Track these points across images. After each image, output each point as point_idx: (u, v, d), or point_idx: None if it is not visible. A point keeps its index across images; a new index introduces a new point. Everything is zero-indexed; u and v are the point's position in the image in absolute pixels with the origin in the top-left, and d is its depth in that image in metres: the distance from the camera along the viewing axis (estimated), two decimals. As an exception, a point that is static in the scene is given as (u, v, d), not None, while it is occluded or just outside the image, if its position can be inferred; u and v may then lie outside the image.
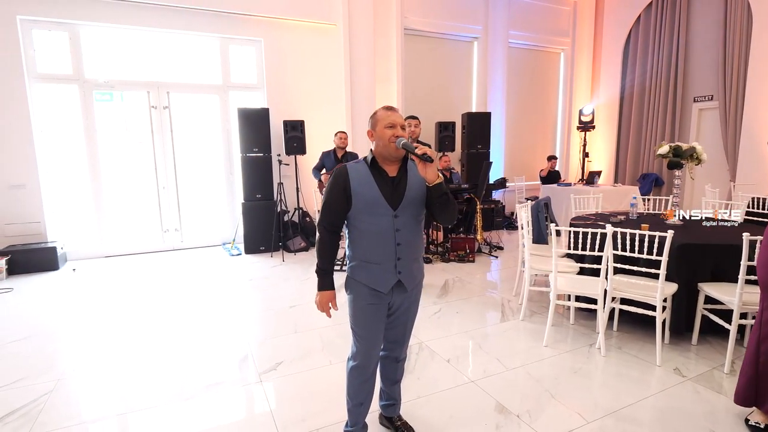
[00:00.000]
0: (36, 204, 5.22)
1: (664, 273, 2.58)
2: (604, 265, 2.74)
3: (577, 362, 2.71)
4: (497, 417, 2.16)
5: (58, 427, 2.14)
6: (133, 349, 3.00)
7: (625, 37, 8.07)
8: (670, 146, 3.32)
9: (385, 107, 1.77)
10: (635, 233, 2.68)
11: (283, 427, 2.10)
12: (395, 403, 2.05)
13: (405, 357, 2.01)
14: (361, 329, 1.78)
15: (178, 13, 5.49)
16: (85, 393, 2.46)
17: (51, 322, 3.51)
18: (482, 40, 7.55)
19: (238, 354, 2.90)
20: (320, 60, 6.34)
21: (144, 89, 5.64)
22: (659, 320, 2.65)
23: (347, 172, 1.71)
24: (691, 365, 2.65)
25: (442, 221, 1.77)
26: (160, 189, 5.88)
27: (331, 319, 3.34)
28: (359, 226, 1.72)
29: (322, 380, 2.53)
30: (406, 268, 1.76)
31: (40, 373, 2.67)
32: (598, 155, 8.76)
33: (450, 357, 2.79)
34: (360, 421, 1.88)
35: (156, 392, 2.44)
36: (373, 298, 1.75)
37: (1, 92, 4.93)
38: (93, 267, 5.21)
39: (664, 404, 2.26)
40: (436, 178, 1.64)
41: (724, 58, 6.60)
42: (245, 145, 5.66)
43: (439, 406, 2.27)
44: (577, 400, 2.29)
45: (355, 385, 1.83)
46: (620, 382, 2.48)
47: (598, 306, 2.81)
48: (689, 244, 2.84)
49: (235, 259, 5.51)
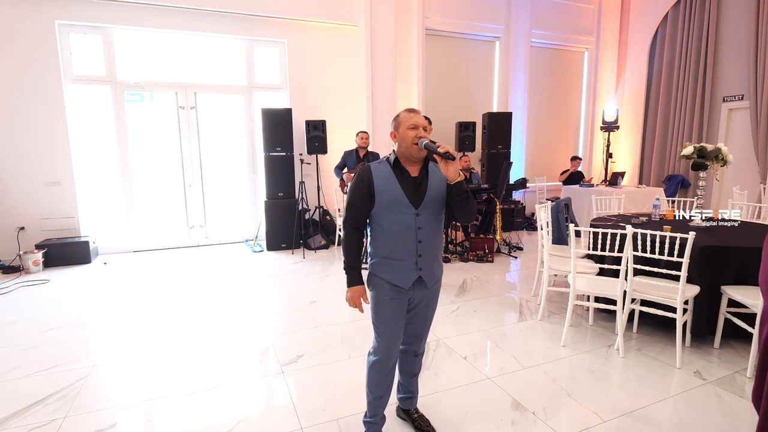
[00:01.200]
0: (70, 200, 5.46)
1: (685, 275, 2.56)
2: (623, 266, 2.73)
3: (594, 363, 2.71)
4: (513, 414, 2.20)
5: (92, 410, 2.27)
6: (160, 339, 3.14)
7: (652, 36, 7.91)
8: (695, 147, 3.27)
9: (408, 109, 1.82)
10: (656, 234, 2.67)
11: (304, 417, 2.18)
12: (413, 396, 2.11)
13: (423, 351, 2.06)
14: (383, 324, 1.84)
15: (205, 16, 5.65)
16: (116, 379, 2.59)
17: (85, 312, 3.69)
18: (504, 40, 7.52)
19: (260, 346, 3.00)
20: (342, 61, 6.43)
21: (172, 90, 5.83)
22: (680, 322, 2.63)
23: (371, 172, 1.78)
24: (713, 369, 2.62)
25: (461, 219, 1.82)
26: (187, 187, 6.07)
27: (350, 316, 3.44)
28: (382, 223, 1.78)
29: (341, 373, 2.60)
30: (426, 265, 1.81)
31: (76, 359, 2.83)
32: (622, 156, 8.61)
33: (467, 354, 2.83)
34: (379, 413, 1.94)
35: (181, 381, 2.55)
36: (394, 294, 1.80)
37: (40, 93, 5.17)
38: (122, 261, 5.42)
39: (683, 407, 2.25)
40: (457, 176, 1.69)
41: (756, 56, 6.41)
42: (268, 144, 5.79)
43: (456, 401, 2.31)
44: (594, 400, 2.30)
45: (375, 379, 1.89)
46: (638, 384, 2.47)
47: (618, 307, 2.80)
48: (712, 247, 2.81)
49: (258, 255, 5.65)
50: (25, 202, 5.27)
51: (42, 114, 5.21)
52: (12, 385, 2.51)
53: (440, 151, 1.63)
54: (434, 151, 1.65)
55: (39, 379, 2.56)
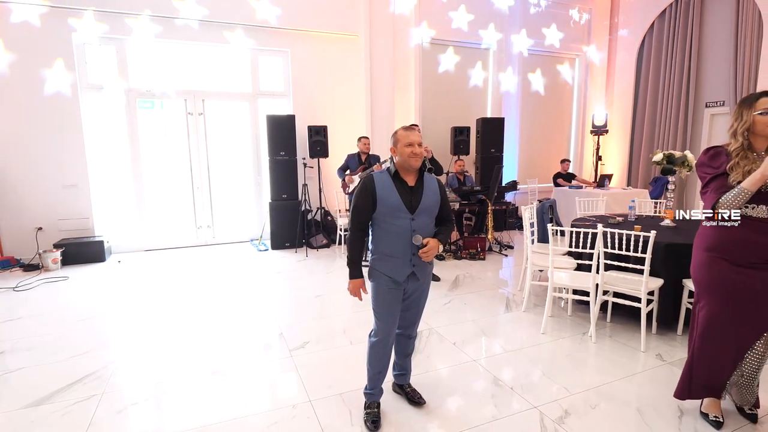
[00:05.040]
0: (86, 202, 5.78)
1: (648, 269, 2.89)
2: (595, 261, 3.06)
3: (569, 348, 3.04)
4: (493, 388, 2.52)
5: (126, 387, 2.60)
6: (177, 329, 3.46)
7: (639, 44, 8.26)
8: (664, 154, 3.61)
9: (404, 127, 2.16)
10: (623, 233, 2.99)
11: (312, 392, 2.50)
12: (406, 373, 2.44)
13: (416, 335, 2.39)
14: (382, 311, 2.16)
15: (212, 28, 5.98)
16: (143, 362, 2.92)
17: (105, 306, 4.01)
18: (498, 47, 7.85)
19: (270, 334, 3.33)
20: (342, 69, 6.76)
21: (181, 97, 6.15)
22: (644, 311, 2.97)
23: (374, 182, 2.10)
24: (673, 351, 2.95)
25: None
26: (195, 189, 6.39)
27: (352, 308, 3.78)
28: (382, 226, 2.10)
29: (344, 356, 2.93)
30: (419, 262, 2.13)
31: (104, 346, 3.15)
32: (611, 159, 8.96)
33: (456, 341, 3.16)
34: (378, 386, 2.27)
35: (200, 363, 2.88)
36: (391, 285, 2.12)
37: (57, 101, 5.48)
38: (135, 259, 5.74)
39: (642, 383, 2.59)
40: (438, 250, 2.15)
41: (735, 64, 6.76)
42: (272, 148, 6.12)
43: (444, 379, 2.64)
44: (565, 378, 2.63)
45: (375, 356, 2.22)
46: (605, 365, 2.81)
47: (591, 298, 3.13)
48: (675, 244, 3.14)
49: (263, 254, 5.98)
50: (43, 204, 5.58)
51: (59, 120, 5.52)
52: (54, 367, 2.83)
53: (419, 253, 2.06)
54: (419, 248, 2.06)
55: (75, 362, 2.88)
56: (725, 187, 1.93)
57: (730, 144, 2.01)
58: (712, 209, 1.95)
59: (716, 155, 2.02)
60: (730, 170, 1.94)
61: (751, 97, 1.98)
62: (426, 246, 2.05)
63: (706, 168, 2.04)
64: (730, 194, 1.89)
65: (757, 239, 1.93)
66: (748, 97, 1.99)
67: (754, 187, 1.84)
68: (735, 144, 1.98)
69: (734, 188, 1.89)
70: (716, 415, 2.18)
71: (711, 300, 2.06)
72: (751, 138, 1.96)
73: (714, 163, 2.01)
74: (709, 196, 1.98)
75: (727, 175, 1.94)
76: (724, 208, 1.91)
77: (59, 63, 5.44)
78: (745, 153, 1.95)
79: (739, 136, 1.97)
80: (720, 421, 2.16)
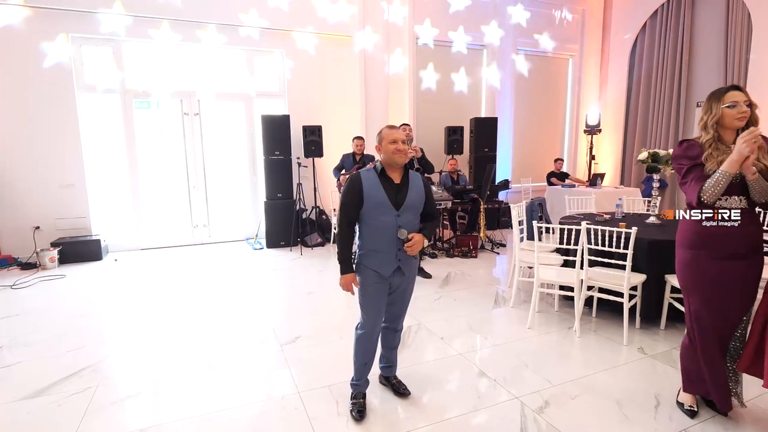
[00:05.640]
0: (83, 201, 5.84)
1: (629, 264, 2.97)
2: (578, 258, 3.14)
3: (554, 342, 3.12)
4: (477, 380, 2.60)
5: (120, 380, 2.67)
6: (171, 325, 3.53)
7: (632, 44, 8.34)
8: (649, 152, 3.68)
9: (389, 126, 2.24)
10: (605, 230, 3.07)
11: (301, 384, 2.58)
12: (392, 365, 2.51)
13: (402, 328, 2.47)
14: (368, 304, 2.23)
15: (208, 29, 6.04)
16: (137, 357, 2.99)
17: (102, 303, 4.08)
18: (492, 48, 7.93)
19: (262, 330, 3.40)
20: (337, 69, 6.83)
21: (177, 98, 6.22)
22: (626, 306, 3.05)
23: (361, 179, 2.17)
24: (655, 345, 3.03)
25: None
26: (191, 188, 6.46)
27: (343, 304, 3.85)
28: (369, 222, 2.17)
29: (333, 351, 3.01)
30: (404, 257, 2.20)
31: (100, 341, 3.23)
32: (605, 158, 9.04)
33: (444, 335, 3.23)
34: (364, 377, 2.34)
35: (194, 358, 2.95)
36: (377, 280, 2.20)
37: (54, 102, 5.55)
38: (131, 258, 5.81)
39: (621, 375, 2.67)
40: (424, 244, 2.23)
41: (725, 64, 6.85)
42: (268, 148, 6.19)
43: (430, 371, 2.72)
44: (547, 371, 2.70)
45: (361, 348, 2.29)
46: (587, 358, 2.88)
47: (575, 293, 3.21)
48: (658, 240, 3.22)
49: (258, 252, 6.05)
50: (40, 204, 5.64)
51: (56, 121, 5.58)
52: (51, 361, 2.90)
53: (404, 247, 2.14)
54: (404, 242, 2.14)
55: (72, 357, 2.95)
56: (704, 176, 1.97)
57: (701, 137, 2.08)
58: (698, 197, 1.98)
59: (690, 147, 2.08)
60: (704, 161, 2.01)
61: (719, 90, 2.04)
62: (411, 240, 2.12)
63: (682, 160, 2.10)
64: (712, 179, 1.93)
65: (733, 230, 2.00)
66: (717, 90, 2.05)
67: (733, 168, 1.87)
68: (706, 136, 2.04)
69: (714, 174, 1.92)
70: (691, 404, 2.25)
71: (697, 297, 2.12)
72: (720, 131, 2.03)
73: (689, 154, 2.07)
74: (691, 186, 2.02)
75: (703, 165, 2.00)
76: (708, 193, 1.93)
77: (56, 64, 5.50)
78: (716, 144, 2.01)
79: (709, 128, 2.03)
80: (695, 410, 2.24)
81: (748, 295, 2.07)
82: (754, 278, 2.07)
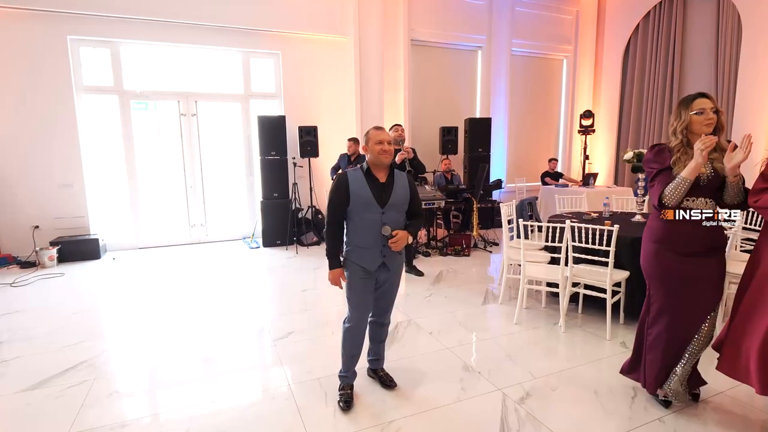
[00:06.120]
0: (81, 201, 5.92)
1: (612, 261, 3.06)
2: (563, 255, 3.22)
3: (539, 337, 3.20)
4: (462, 373, 2.69)
5: (116, 374, 2.76)
6: (168, 321, 3.61)
7: (625, 45, 8.43)
8: (634, 152, 3.77)
9: (375, 127, 2.33)
10: (589, 227, 3.16)
11: (292, 376, 2.66)
12: (379, 359, 2.60)
13: (389, 322, 2.55)
14: (355, 298, 2.32)
15: (205, 31, 6.13)
16: (134, 351, 3.07)
17: (100, 300, 4.17)
18: (486, 49, 8.01)
19: (256, 326, 3.48)
20: (332, 70, 6.92)
21: (175, 99, 6.30)
22: (609, 301, 3.13)
23: (347, 179, 2.26)
24: (637, 340, 3.11)
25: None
26: (188, 188, 6.54)
27: (335, 301, 3.93)
28: (355, 219, 2.26)
29: (324, 345, 3.09)
30: (389, 253, 2.29)
31: (97, 336, 3.31)
32: (599, 158, 9.13)
33: (432, 330, 3.32)
34: (351, 369, 2.43)
35: (189, 353, 3.03)
36: (363, 275, 2.29)
37: (53, 102, 5.63)
38: (129, 257, 5.89)
39: (603, 367, 2.75)
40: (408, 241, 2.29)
41: (716, 65, 6.94)
42: (264, 148, 6.27)
43: (418, 364, 2.80)
44: (531, 364, 2.79)
45: (349, 341, 2.38)
46: (570, 352, 2.97)
47: (560, 290, 3.30)
48: (641, 238, 3.29)
49: (254, 251, 6.13)
50: (39, 203, 5.72)
51: (55, 121, 5.67)
52: (50, 354, 2.99)
53: (389, 243, 2.21)
54: (388, 238, 2.21)
55: (70, 351, 3.04)
56: (670, 179, 2.09)
57: (671, 141, 2.18)
58: (659, 200, 2.11)
59: (660, 151, 2.19)
60: (673, 165, 2.11)
61: (688, 98, 2.15)
62: (395, 237, 2.21)
63: (651, 163, 2.21)
64: (672, 184, 2.06)
65: (697, 230, 2.10)
66: (686, 98, 2.16)
67: (691, 175, 2.00)
68: (675, 141, 2.15)
69: (675, 179, 2.05)
70: (665, 395, 2.34)
71: (660, 290, 2.22)
72: (690, 136, 2.13)
73: (659, 158, 2.18)
74: (656, 188, 2.15)
75: (671, 169, 2.11)
76: (668, 197, 2.07)
77: (54, 65, 5.58)
78: (684, 149, 2.12)
79: (678, 134, 2.14)
80: (669, 400, 2.32)
81: (712, 292, 2.16)
82: (719, 276, 2.16)
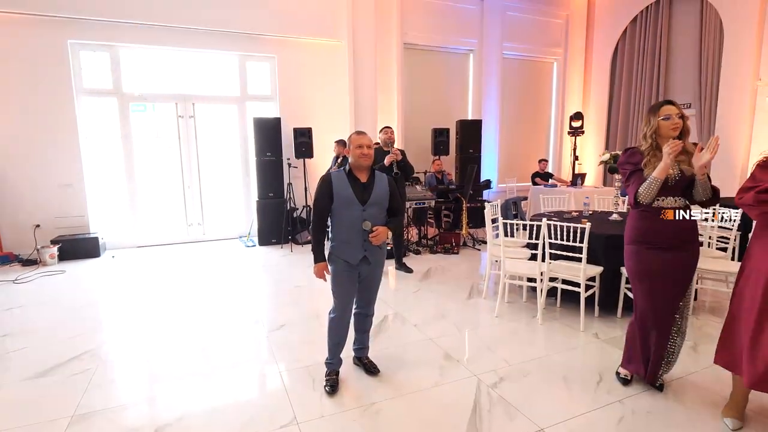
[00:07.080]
0: (81, 200, 6.08)
1: (585, 257, 3.24)
2: (540, 251, 3.41)
3: (517, 329, 3.39)
4: (443, 361, 2.87)
5: (117, 363, 2.93)
6: (166, 315, 3.79)
7: (613, 48, 8.63)
8: (611, 154, 3.96)
9: (357, 132, 2.52)
10: (563, 225, 3.34)
11: (283, 365, 2.84)
12: (364, 347, 2.78)
13: (372, 313, 2.73)
14: (339, 290, 2.51)
15: (202, 35, 6.30)
16: (134, 343, 3.24)
17: (101, 296, 4.34)
18: (478, 52, 8.20)
19: (251, 318, 3.66)
20: (327, 73, 7.09)
21: (172, 101, 6.47)
22: (583, 295, 3.32)
23: (331, 179, 2.44)
24: (609, 331, 3.30)
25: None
26: (186, 188, 6.71)
27: (326, 296, 4.09)
28: (338, 216, 2.45)
29: (314, 336, 3.27)
30: (370, 247, 2.48)
31: (98, 329, 3.49)
32: (588, 158, 9.31)
33: (417, 323, 3.50)
34: (336, 356, 2.61)
35: (186, 344, 3.21)
36: (346, 268, 2.47)
37: (54, 105, 5.79)
38: (128, 255, 6.05)
39: (573, 355, 2.94)
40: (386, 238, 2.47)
41: (700, 68, 7.15)
42: (260, 149, 6.45)
43: (401, 353, 2.99)
44: (507, 352, 2.97)
45: (334, 330, 2.57)
46: (545, 342, 3.16)
47: (537, 284, 3.48)
48: (614, 235, 3.49)
49: (250, 249, 6.30)
50: (40, 203, 5.88)
51: (56, 123, 5.83)
52: (53, 345, 3.16)
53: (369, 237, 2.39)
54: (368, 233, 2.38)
55: (73, 342, 3.21)
56: (643, 179, 2.28)
57: (642, 145, 2.37)
58: (635, 198, 2.30)
59: (633, 154, 2.40)
60: (644, 166, 2.31)
61: (656, 105, 2.35)
62: (375, 232, 2.39)
63: (625, 165, 2.42)
64: (645, 184, 2.25)
65: (667, 225, 2.31)
66: (654, 105, 2.37)
67: (661, 175, 2.20)
68: (645, 145, 2.35)
69: (647, 179, 2.24)
70: (626, 375, 2.55)
71: (641, 285, 2.41)
72: (659, 140, 2.32)
73: (632, 160, 2.39)
74: (632, 188, 2.35)
75: (643, 171, 2.30)
76: (643, 195, 2.26)
77: (55, 68, 5.74)
78: (654, 152, 2.31)
79: (648, 138, 2.34)
80: (628, 380, 2.53)
81: (683, 282, 2.35)
82: (690, 267, 2.36)
